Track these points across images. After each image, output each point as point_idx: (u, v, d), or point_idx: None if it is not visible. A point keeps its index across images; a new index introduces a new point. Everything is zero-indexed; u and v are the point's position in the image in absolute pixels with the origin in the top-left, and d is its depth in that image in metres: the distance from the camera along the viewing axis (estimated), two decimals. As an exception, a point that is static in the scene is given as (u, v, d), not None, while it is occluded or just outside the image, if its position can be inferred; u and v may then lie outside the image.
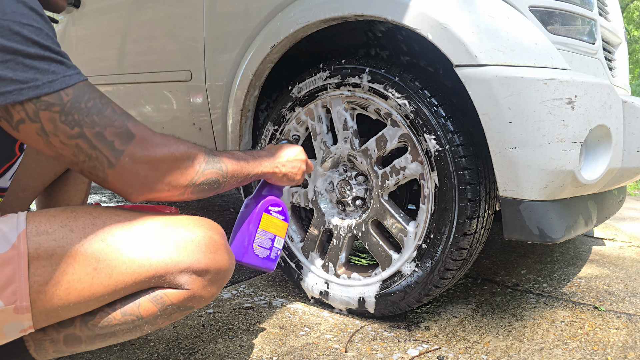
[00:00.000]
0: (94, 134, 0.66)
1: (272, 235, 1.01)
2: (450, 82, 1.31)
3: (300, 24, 1.30)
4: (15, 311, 0.66)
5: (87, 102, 0.66)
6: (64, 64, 0.65)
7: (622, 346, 1.21)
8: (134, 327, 0.77)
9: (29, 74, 0.61)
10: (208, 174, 0.78)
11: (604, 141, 1.11)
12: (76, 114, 0.65)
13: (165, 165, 0.72)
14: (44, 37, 0.63)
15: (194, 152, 0.76)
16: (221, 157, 0.82)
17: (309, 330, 1.27)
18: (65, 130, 0.65)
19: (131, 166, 0.69)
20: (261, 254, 0.99)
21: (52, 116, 0.64)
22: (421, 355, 1.14)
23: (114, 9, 1.88)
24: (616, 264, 1.95)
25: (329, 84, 1.33)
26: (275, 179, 0.99)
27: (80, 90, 0.66)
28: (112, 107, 0.69)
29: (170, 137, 0.74)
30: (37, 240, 0.68)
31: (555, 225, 1.09)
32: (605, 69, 1.34)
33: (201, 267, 0.76)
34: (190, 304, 0.78)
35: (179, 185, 0.74)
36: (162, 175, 0.72)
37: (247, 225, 0.98)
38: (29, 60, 0.61)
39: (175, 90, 1.68)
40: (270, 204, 1.00)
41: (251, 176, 0.89)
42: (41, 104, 0.63)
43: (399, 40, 1.41)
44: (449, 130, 1.14)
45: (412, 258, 1.23)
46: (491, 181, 1.20)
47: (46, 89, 0.63)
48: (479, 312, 1.41)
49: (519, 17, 1.12)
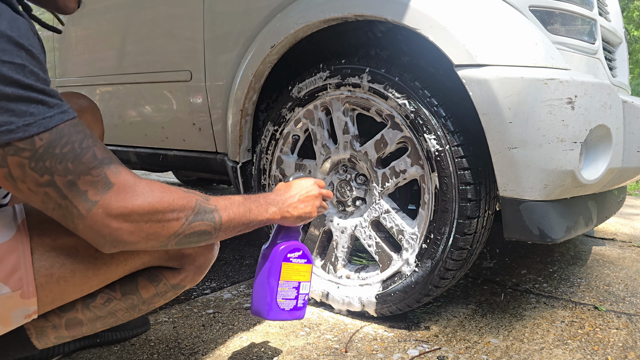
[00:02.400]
0: (65, 183, 0.61)
1: (296, 283, 0.95)
2: (450, 82, 1.31)
3: (300, 24, 1.29)
4: (21, 296, 0.69)
5: (64, 147, 0.60)
6: (46, 104, 0.59)
7: (622, 346, 1.21)
8: (132, 307, 0.82)
9: (3, 117, 0.56)
10: (196, 227, 0.72)
11: (604, 141, 1.11)
12: (48, 161, 0.60)
13: (144, 217, 0.66)
14: (26, 75, 0.57)
15: (180, 203, 0.69)
16: (216, 206, 0.75)
17: (309, 330, 1.27)
18: (35, 177, 0.60)
19: (103, 218, 0.63)
20: (287, 306, 0.94)
21: (21, 162, 0.59)
22: (421, 355, 1.14)
23: (114, 9, 1.88)
24: (616, 264, 1.95)
25: (329, 84, 1.33)
26: (288, 223, 0.91)
27: (59, 133, 0.60)
28: (93, 151, 0.63)
29: (157, 185, 0.68)
30: (40, 227, 0.71)
31: (555, 225, 1.09)
32: (605, 69, 1.34)
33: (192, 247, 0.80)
34: (183, 282, 0.84)
35: (159, 238, 0.69)
36: (138, 229, 0.66)
37: (267, 280, 0.92)
38: (4, 102, 0.56)
39: (175, 91, 1.68)
40: (288, 252, 0.94)
41: (256, 223, 0.82)
42: (10, 149, 0.58)
43: (399, 40, 1.41)
44: (449, 130, 1.14)
45: (412, 258, 1.23)
46: (491, 181, 1.20)
47: (20, 133, 0.57)
48: (479, 312, 1.41)
49: (519, 17, 1.12)
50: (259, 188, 1.53)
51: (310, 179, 0.97)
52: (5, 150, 0.58)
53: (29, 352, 0.80)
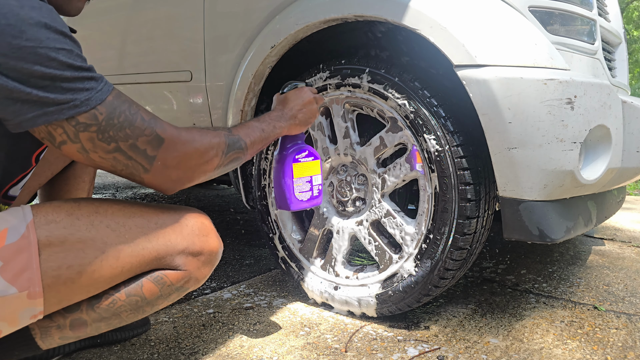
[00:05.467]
0: (128, 146, 0.73)
1: (309, 178, 1.12)
2: (450, 82, 1.31)
3: (300, 25, 1.30)
4: (28, 296, 0.70)
5: (119, 117, 0.72)
6: (94, 79, 0.70)
7: (622, 346, 1.21)
8: (136, 308, 0.83)
9: (68, 95, 0.67)
10: (231, 156, 0.87)
11: (604, 141, 1.11)
12: (111, 131, 0.71)
13: (193, 160, 0.80)
14: (75, 58, 0.68)
15: (216, 141, 0.83)
16: (238, 135, 0.89)
17: (309, 330, 1.27)
18: (104, 146, 0.72)
19: (163, 169, 0.77)
20: (304, 197, 1.11)
21: (91, 136, 0.70)
22: (421, 355, 1.14)
23: (114, 9, 1.89)
24: (616, 264, 1.95)
25: (329, 84, 1.33)
26: (295, 131, 1.07)
27: (111, 105, 0.71)
28: (140, 115, 0.74)
29: (194, 130, 0.81)
30: (47, 228, 0.72)
31: (555, 226, 1.09)
32: (605, 69, 1.34)
33: (196, 249, 0.83)
34: (187, 284, 0.85)
35: (207, 171, 0.83)
36: (191, 170, 0.80)
37: (284, 181, 1.09)
38: (66, 84, 0.66)
39: (176, 91, 1.68)
40: (296, 154, 1.09)
41: (270, 140, 0.99)
42: (80, 126, 0.69)
43: (398, 40, 1.41)
44: (448, 131, 1.14)
45: (412, 258, 1.23)
46: (491, 181, 1.20)
47: (84, 107, 0.68)
48: (479, 312, 1.41)
49: (518, 18, 1.12)
50: (259, 189, 1.53)
51: (302, 88, 1.09)
52: (77, 128, 0.69)
53: (33, 352, 0.81)
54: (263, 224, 1.54)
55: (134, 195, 3.60)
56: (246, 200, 1.61)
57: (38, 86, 0.64)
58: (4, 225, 0.70)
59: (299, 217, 1.55)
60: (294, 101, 1.06)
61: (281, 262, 1.51)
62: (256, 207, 1.55)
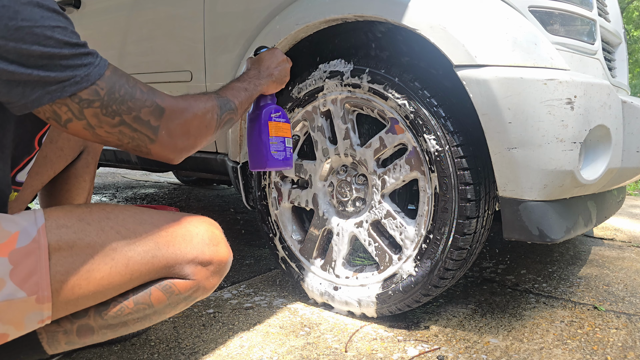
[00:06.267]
0: (132, 119, 0.73)
1: (282, 138, 1.12)
2: (450, 82, 1.31)
3: (300, 25, 1.30)
4: (37, 301, 0.70)
5: (120, 91, 0.72)
6: (91, 54, 0.70)
7: (622, 346, 1.21)
8: (144, 317, 0.82)
9: (67, 73, 0.67)
10: (225, 118, 0.89)
11: (604, 141, 1.11)
12: (114, 105, 0.71)
13: (194, 126, 0.81)
14: (71, 35, 0.67)
15: (210, 105, 0.85)
16: (227, 97, 0.91)
17: (309, 330, 1.27)
18: (109, 121, 0.72)
19: (168, 137, 0.77)
20: (279, 157, 1.11)
21: (95, 112, 0.70)
22: (421, 355, 1.14)
23: (114, 10, 1.89)
24: (616, 264, 1.95)
25: (329, 85, 1.33)
26: (272, 89, 1.08)
27: (110, 79, 0.71)
28: (139, 87, 0.75)
29: (188, 97, 0.83)
30: (58, 233, 0.72)
31: (554, 226, 1.09)
32: (604, 69, 1.34)
33: (205, 258, 0.82)
34: (195, 294, 0.83)
35: (207, 135, 0.84)
36: (194, 136, 0.81)
37: (260, 138, 1.09)
38: (65, 61, 0.66)
39: (176, 91, 1.68)
40: (270, 112, 1.09)
41: (253, 99, 1.01)
42: (84, 103, 0.69)
43: (398, 40, 1.41)
44: (448, 131, 1.14)
45: (412, 258, 1.23)
46: (491, 181, 1.20)
47: (84, 83, 0.68)
48: (479, 312, 1.41)
49: (518, 18, 1.12)
50: (259, 189, 1.53)
51: (274, 49, 1.11)
52: (81, 105, 0.69)
53: (39, 357, 0.80)
54: (263, 224, 1.54)
55: (134, 195, 3.60)
56: (246, 200, 1.61)
57: (38, 66, 0.64)
58: (15, 229, 0.70)
59: (299, 217, 1.55)
60: (268, 60, 1.07)
61: (281, 262, 1.51)
62: (256, 207, 1.55)
